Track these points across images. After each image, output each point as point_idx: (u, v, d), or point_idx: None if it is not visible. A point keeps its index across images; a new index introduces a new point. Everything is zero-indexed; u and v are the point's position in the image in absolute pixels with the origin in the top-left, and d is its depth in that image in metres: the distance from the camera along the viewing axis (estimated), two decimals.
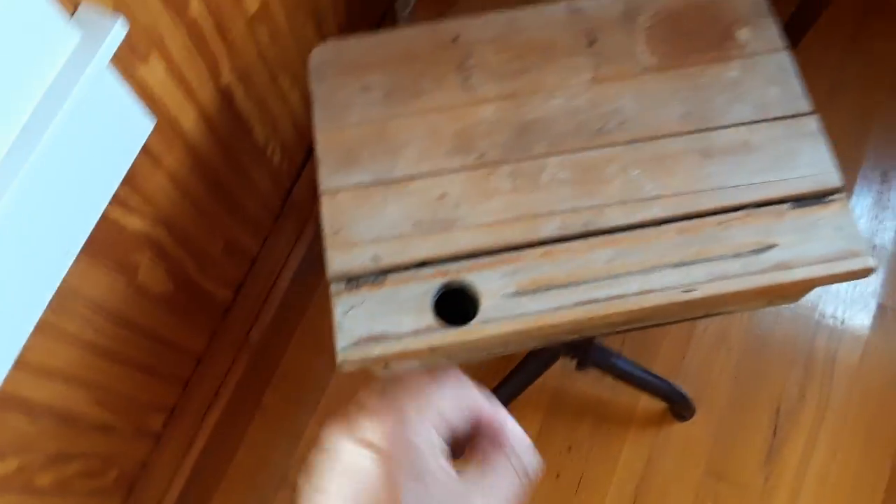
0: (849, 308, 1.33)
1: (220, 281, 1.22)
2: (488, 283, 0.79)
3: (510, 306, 0.78)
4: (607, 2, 0.92)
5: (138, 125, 0.80)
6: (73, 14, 0.68)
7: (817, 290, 1.34)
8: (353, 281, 0.81)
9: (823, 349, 1.31)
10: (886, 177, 1.41)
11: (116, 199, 0.85)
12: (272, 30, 1.04)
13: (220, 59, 0.95)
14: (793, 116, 0.85)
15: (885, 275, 1.35)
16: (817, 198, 0.81)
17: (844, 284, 1.34)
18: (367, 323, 0.78)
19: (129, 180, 0.86)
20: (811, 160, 0.82)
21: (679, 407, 1.27)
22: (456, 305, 0.80)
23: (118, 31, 0.67)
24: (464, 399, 0.35)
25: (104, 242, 0.86)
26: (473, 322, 0.78)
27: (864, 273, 0.78)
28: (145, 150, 0.87)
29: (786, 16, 1.40)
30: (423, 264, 0.81)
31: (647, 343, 1.33)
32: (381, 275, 0.81)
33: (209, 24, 0.89)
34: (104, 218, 0.84)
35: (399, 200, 0.84)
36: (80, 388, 0.92)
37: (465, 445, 0.35)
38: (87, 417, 0.97)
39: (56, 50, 0.66)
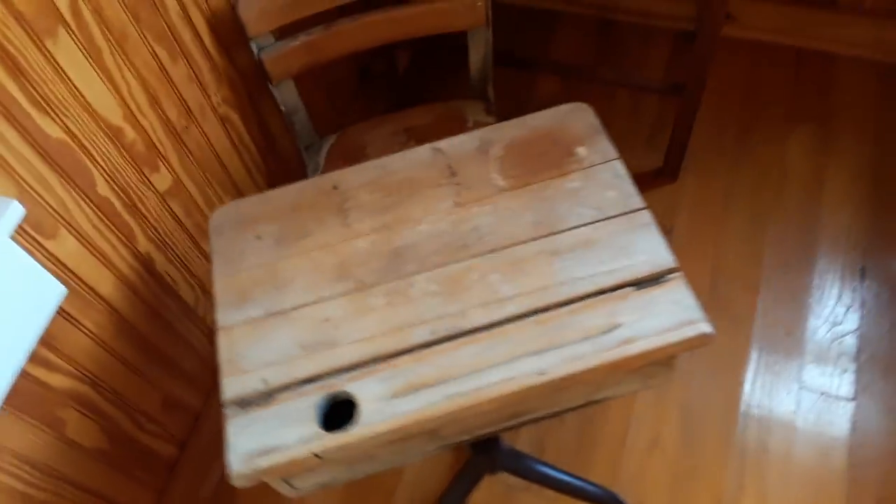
0: (772, 396, 1.37)
1: (163, 437, 1.28)
2: (367, 391, 0.87)
3: (387, 409, 0.85)
4: (464, 140, 1.07)
5: (49, 293, 0.91)
6: None
7: (740, 381, 1.39)
8: (245, 403, 0.88)
9: (754, 439, 1.34)
10: (788, 268, 1.50)
11: (37, 359, 0.95)
12: (186, 203, 1.18)
13: (134, 230, 1.08)
14: (628, 213, 0.96)
15: (802, 358, 1.40)
16: (655, 279, 0.90)
17: (767, 374, 1.39)
18: (256, 439, 0.85)
19: (49, 342, 0.96)
20: (647, 248, 0.92)
21: None
22: (344, 418, 0.87)
23: (13, 213, 0.80)
24: None
25: (28, 399, 0.95)
26: (354, 426, 0.84)
27: (704, 339, 0.85)
28: (64, 314, 0.98)
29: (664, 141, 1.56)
30: (307, 381, 0.89)
31: (580, 452, 1.36)
32: (269, 395, 0.88)
33: (119, 201, 1.03)
34: (26, 376, 0.94)
35: (287, 328, 0.93)
36: None
37: None
38: None
39: None
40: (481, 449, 1.13)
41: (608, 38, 1.85)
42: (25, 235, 0.87)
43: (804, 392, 1.37)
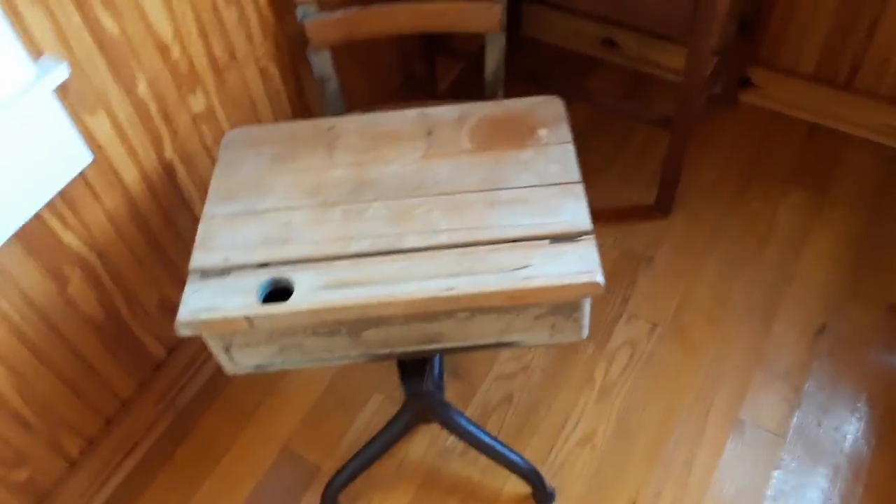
0: (708, 421, 1.44)
1: (154, 334, 1.45)
2: (304, 280, 1.02)
3: (316, 296, 1.00)
4: (448, 109, 1.23)
5: (76, 154, 1.11)
6: (36, 59, 1.02)
7: (681, 402, 1.46)
8: (205, 274, 1.05)
9: (682, 456, 1.40)
10: (753, 312, 1.57)
11: (55, 212, 1.15)
12: (215, 132, 1.38)
13: (163, 137, 1.28)
14: (565, 184, 1.09)
15: (744, 393, 1.46)
16: (570, 238, 1.03)
17: (707, 401, 1.46)
18: (205, 300, 1.01)
19: (69, 201, 1.16)
20: (571, 212, 1.05)
21: (539, 492, 1.36)
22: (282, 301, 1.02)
23: (61, 72, 1.01)
24: None
25: (40, 241, 1.14)
26: (284, 303, 0.99)
27: (594, 287, 0.97)
28: (86, 182, 1.17)
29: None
30: (260, 266, 1.05)
31: (520, 433, 1.45)
32: (226, 271, 1.05)
33: (154, 107, 1.24)
34: (42, 222, 1.13)
35: (256, 224, 1.10)
36: (3, 367, 1.15)
37: None
38: (6, 400, 1.18)
39: (19, 78, 1.00)
40: (412, 389, 1.24)
41: (639, 86, 2.00)
42: (68, 100, 1.08)
43: (739, 424, 1.43)
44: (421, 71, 1.84)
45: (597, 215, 1.76)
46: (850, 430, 1.40)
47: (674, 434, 1.42)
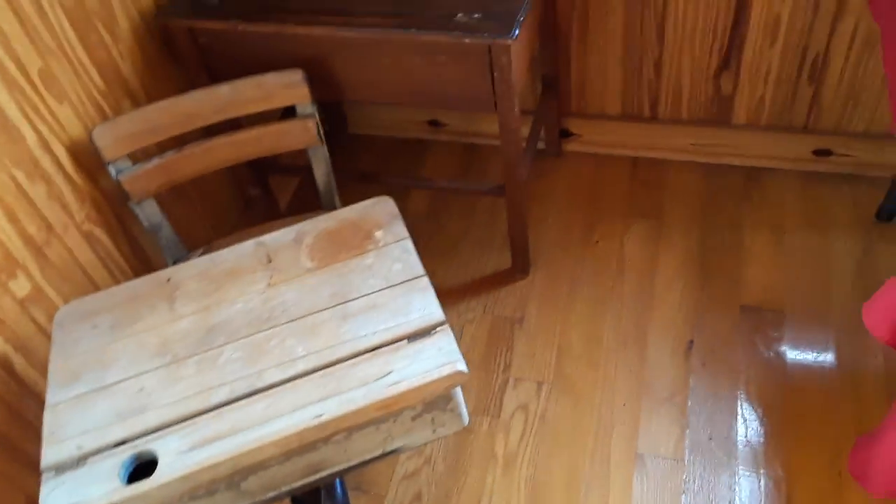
0: (611, 462, 1.46)
1: None
2: (168, 447, 0.97)
3: (183, 461, 0.95)
4: (284, 233, 1.23)
5: None
6: None
7: (582, 452, 1.48)
8: (60, 468, 0.98)
9: (597, 502, 1.41)
10: (626, 345, 1.63)
11: None
12: (48, 310, 1.31)
13: None
14: (410, 280, 1.10)
15: (637, 425, 1.50)
16: (426, 332, 1.04)
17: (605, 443, 1.49)
18: (65, 498, 0.94)
19: None
20: (422, 307, 1.06)
21: None
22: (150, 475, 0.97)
23: None
24: None
25: None
26: (150, 478, 0.94)
27: (459, 376, 0.98)
28: None
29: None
30: (117, 444, 0.99)
31: None
32: (82, 459, 0.98)
33: None
34: None
35: (106, 400, 1.04)
36: None
37: None
38: None
39: None
40: None
41: (473, 157, 2.08)
42: None
43: (640, 459, 1.46)
44: (257, 194, 1.84)
45: (462, 290, 1.79)
46: (739, 434, 1.46)
47: (582, 486, 1.44)
